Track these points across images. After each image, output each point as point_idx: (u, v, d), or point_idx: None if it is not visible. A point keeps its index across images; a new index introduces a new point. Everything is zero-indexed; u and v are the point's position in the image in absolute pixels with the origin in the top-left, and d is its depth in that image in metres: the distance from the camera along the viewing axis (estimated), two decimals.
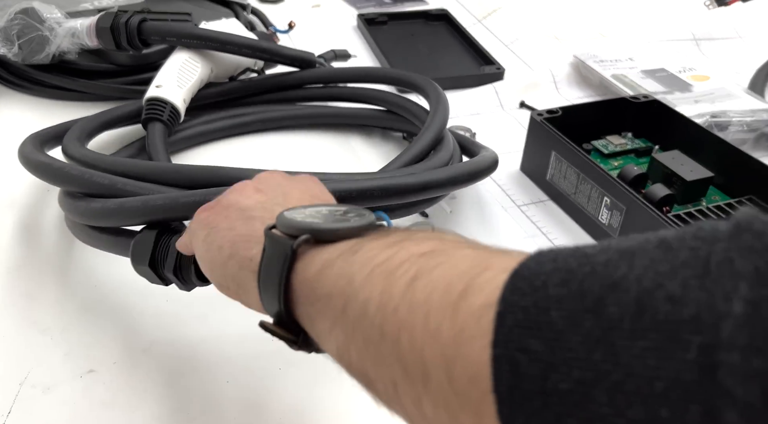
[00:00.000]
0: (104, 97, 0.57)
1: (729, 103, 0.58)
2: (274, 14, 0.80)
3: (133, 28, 0.51)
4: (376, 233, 0.22)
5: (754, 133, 0.55)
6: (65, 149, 0.42)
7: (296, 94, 0.59)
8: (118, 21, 0.51)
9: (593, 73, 0.65)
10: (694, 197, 0.46)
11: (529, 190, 0.51)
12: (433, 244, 0.20)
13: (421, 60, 0.71)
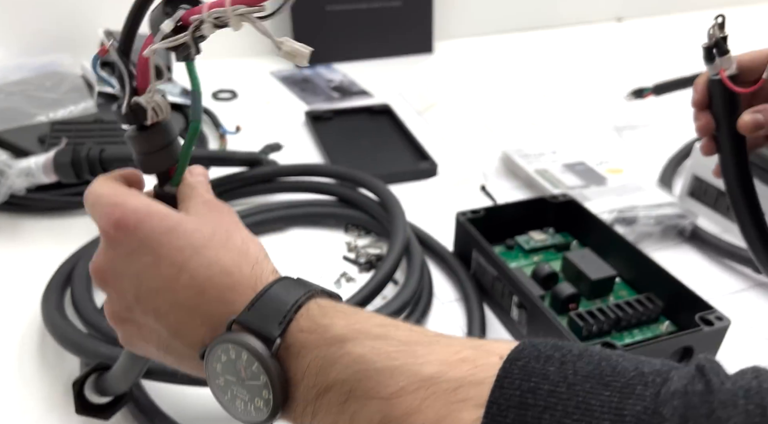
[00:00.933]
0: (51, 209, 0.60)
1: (638, 197, 0.62)
2: (228, 111, 0.85)
3: (94, 159, 0.53)
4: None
5: (660, 226, 0.59)
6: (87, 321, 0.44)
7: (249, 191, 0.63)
8: (79, 155, 0.53)
9: (519, 169, 0.70)
10: (601, 293, 0.49)
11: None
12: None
13: (362, 155, 0.75)
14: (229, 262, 0.26)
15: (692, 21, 1.33)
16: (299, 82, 0.96)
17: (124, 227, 0.26)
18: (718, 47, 0.39)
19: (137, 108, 0.27)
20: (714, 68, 0.40)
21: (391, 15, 1.05)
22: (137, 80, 0.27)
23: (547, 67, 1.06)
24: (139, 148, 0.28)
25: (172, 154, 0.29)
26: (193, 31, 0.25)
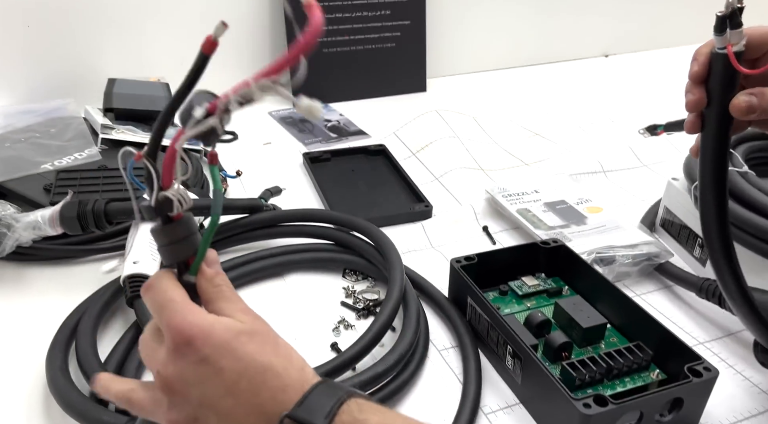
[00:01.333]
0: (55, 258, 0.61)
1: (617, 236, 0.64)
2: (229, 153, 0.87)
3: (99, 212, 0.55)
4: None
5: (638, 266, 0.61)
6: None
7: (249, 236, 0.65)
8: (85, 209, 0.55)
9: (503, 208, 0.72)
10: (593, 341, 0.51)
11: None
12: None
13: (358, 197, 0.77)
14: (279, 367, 0.30)
15: (673, 56, 1.38)
16: (297, 123, 0.98)
17: (194, 342, 0.30)
18: (733, 18, 0.36)
19: (164, 201, 0.29)
20: (722, 41, 0.36)
21: (386, 56, 1.08)
22: (164, 174, 0.29)
23: (539, 102, 1.10)
24: (163, 240, 0.31)
25: (193, 245, 0.31)
26: (221, 114, 0.28)
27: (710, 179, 0.39)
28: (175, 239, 0.30)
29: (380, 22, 1.06)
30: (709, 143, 0.39)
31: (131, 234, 0.57)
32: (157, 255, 0.56)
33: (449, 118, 0.96)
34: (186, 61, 0.28)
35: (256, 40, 1.05)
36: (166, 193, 0.29)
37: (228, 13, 1.01)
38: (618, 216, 0.69)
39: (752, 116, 0.37)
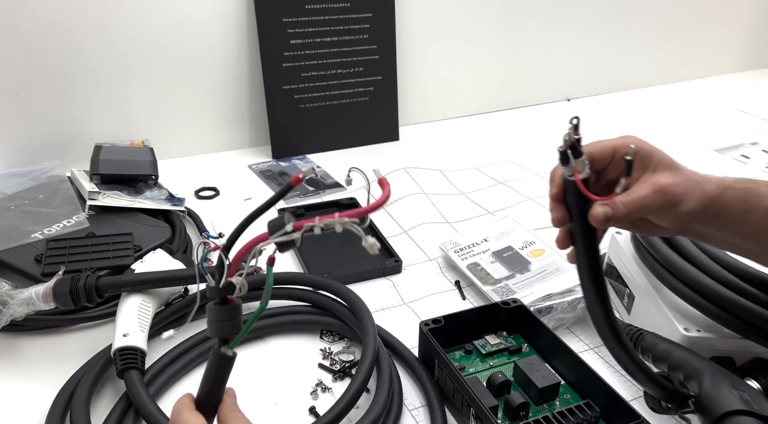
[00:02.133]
0: (46, 328, 0.65)
1: (555, 281, 0.70)
2: (210, 209, 0.91)
3: (91, 287, 0.59)
4: None
5: (574, 311, 0.67)
6: None
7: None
8: (77, 285, 0.59)
9: (455, 265, 0.78)
10: (549, 398, 0.56)
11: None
12: None
13: (332, 253, 0.81)
14: None
15: (632, 98, 1.46)
16: (276, 177, 1.03)
17: None
18: (573, 150, 0.40)
19: (229, 286, 0.36)
20: (569, 170, 0.41)
21: (360, 109, 1.14)
22: (233, 264, 0.35)
23: (504, 147, 1.16)
24: (216, 317, 0.37)
25: (237, 326, 0.37)
26: (303, 233, 0.34)
27: (589, 285, 0.43)
28: (226, 318, 0.37)
29: (354, 79, 1.12)
30: (581, 252, 0.43)
31: (120, 306, 0.61)
32: (146, 326, 0.60)
33: (417, 176, 1.02)
34: (168, 120, 0.34)
35: (235, 100, 1.09)
36: (232, 279, 0.35)
37: (208, 76, 1.06)
38: (559, 258, 0.75)
39: (609, 224, 0.41)
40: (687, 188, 0.42)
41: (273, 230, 0.35)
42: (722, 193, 0.43)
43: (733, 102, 1.43)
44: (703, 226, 0.44)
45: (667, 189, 0.41)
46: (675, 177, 0.42)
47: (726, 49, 1.61)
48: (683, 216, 0.43)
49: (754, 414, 0.45)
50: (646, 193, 0.42)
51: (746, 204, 0.43)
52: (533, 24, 1.30)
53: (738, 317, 0.55)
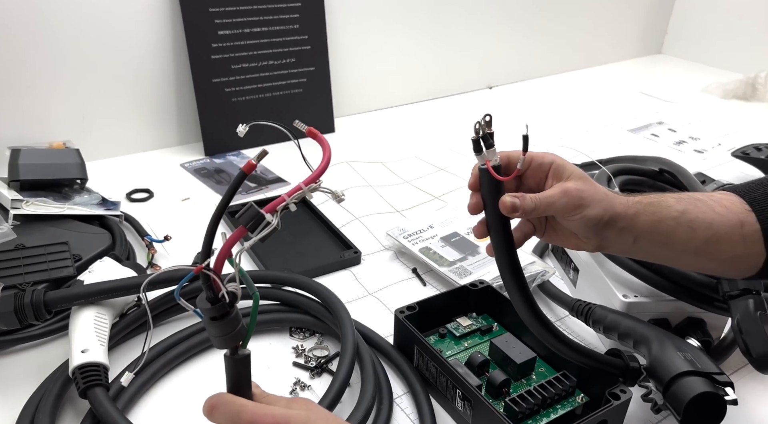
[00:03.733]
0: None
1: None
2: (146, 212, 0.85)
3: (39, 303, 0.53)
4: None
5: (531, 286, 0.70)
6: None
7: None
8: (22, 302, 0.53)
9: (406, 249, 0.79)
10: (526, 373, 0.58)
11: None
12: None
13: (287, 249, 0.80)
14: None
15: (547, 84, 1.54)
16: (213, 174, 0.98)
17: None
18: (485, 141, 0.44)
19: (232, 297, 0.33)
20: (482, 159, 0.45)
21: (294, 101, 1.11)
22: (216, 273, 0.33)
23: (436, 135, 1.18)
24: (220, 333, 0.34)
25: (242, 331, 0.35)
26: (279, 214, 0.33)
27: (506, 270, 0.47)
28: (230, 330, 0.34)
29: (286, 70, 1.09)
30: (495, 240, 0.47)
31: (73, 321, 0.56)
32: (104, 339, 0.55)
33: (359, 168, 1.01)
34: (88, 119, 0.31)
35: (161, 96, 1.03)
36: (228, 290, 0.33)
37: (131, 70, 0.99)
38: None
39: (517, 214, 0.45)
40: (592, 196, 0.46)
41: (250, 223, 0.32)
42: (632, 207, 0.48)
43: (636, 86, 1.55)
44: (620, 239, 0.48)
45: (571, 191, 0.46)
46: (581, 185, 0.46)
47: (625, 37, 1.74)
48: (590, 221, 0.46)
49: (698, 372, 0.49)
50: (553, 192, 0.46)
51: (655, 215, 0.48)
52: (454, 16, 1.34)
53: (671, 280, 0.60)
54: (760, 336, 0.51)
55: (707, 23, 1.70)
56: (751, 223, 0.47)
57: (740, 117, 1.35)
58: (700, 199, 0.49)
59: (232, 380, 0.37)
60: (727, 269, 0.49)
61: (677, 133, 1.26)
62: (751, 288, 0.54)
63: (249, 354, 0.36)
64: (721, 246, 0.47)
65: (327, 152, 0.34)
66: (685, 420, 0.48)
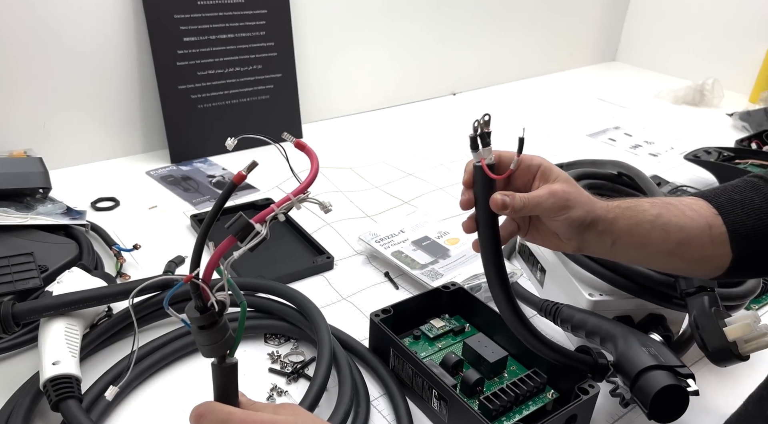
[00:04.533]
0: None
1: (477, 264, 0.76)
2: (112, 221, 0.84)
3: (7, 316, 0.52)
4: None
5: None
6: None
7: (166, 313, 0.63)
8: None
9: (378, 253, 0.80)
10: (498, 371, 0.60)
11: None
12: None
13: (258, 256, 0.79)
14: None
15: (509, 90, 1.58)
16: (180, 182, 0.97)
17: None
18: (482, 139, 0.46)
19: (222, 306, 0.34)
20: (477, 156, 0.47)
21: (261, 108, 1.11)
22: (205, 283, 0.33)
23: (404, 140, 1.20)
24: (209, 341, 0.35)
25: (230, 340, 0.36)
26: (269, 224, 0.33)
27: (491, 266, 0.48)
28: (218, 339, 0.35)
29: (253, 76, 1.09)
30: (483, 236, 0.48)
31: (43, 333, 0.55)
32: (76, 351, 0.54)
33: (329, 174, 1.02)
34: (49, 126, 0.32)
35: (125, 103, 1.01)
36: (217, 299, 0.33)
37: (93, 77, 0.97)
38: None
39: (506, 212, 0.47)
40: (577, 198, 0.49)
41: (240, 233, 0.33)
42: (611, 211, 0.50)
43: (593, 92, 1.60)
44: (600, 241, 0.51)
45: (558, 193, 0.48)
46: (567, 187, 0.49)
47: (581, 45, 1.80)
48: (574, 222, 0.49)
49: (662, 366, 0.52)
50: (541, 193, 0.48)
51: (633, 219, 0.50)
52: (418, 24, 1.36)
53: (631, 279, 0.62)
54: (714, 331, 0.54)
55: (658, 32, 1.77)
56: (719, 226, 0.50)
57: (690, 122, 1.42)
58: (672, 204, 0.52)
59: (219, 388, 0.37)
60: (697, 269, 0.52)
61: (633, 137, 1.32)
62: (706, 285, 0.57)
63: (236, 362, 0.37)
64: (692, 247, 0.50)
65: (315, 164, 0.35)
66: (651, 412, 0.50)
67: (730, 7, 1.59)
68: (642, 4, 1.79)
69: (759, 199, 0.50)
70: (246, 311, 0.36)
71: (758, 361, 0.54)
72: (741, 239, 0.49)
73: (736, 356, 0.53)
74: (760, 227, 0.49)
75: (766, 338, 0.52)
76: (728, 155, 1.06)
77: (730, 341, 0.53)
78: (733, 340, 0.52)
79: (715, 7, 1.62)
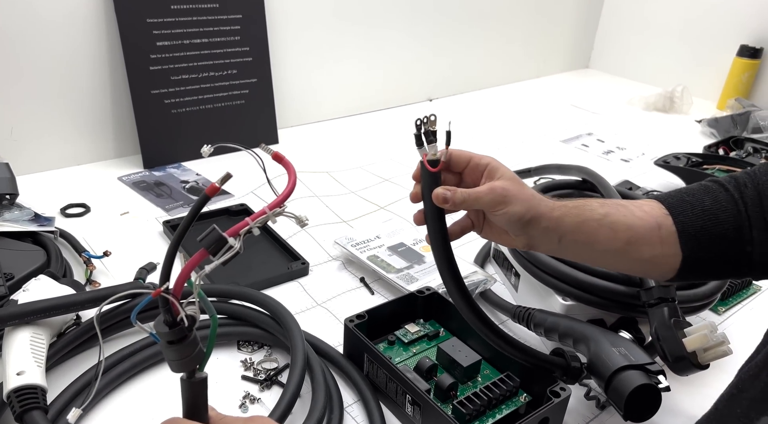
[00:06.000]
0: None
1: None
2: (82, 228, 0.82)
3: None
4: None
5: (474, 293, 0.72)
6: None
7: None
8: None
9: (354, 257, 0.80)
10: (472, 376, 0.60)
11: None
12: None
13: (233, 263, 0.77)
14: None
15: (484, 96, 1.60)
16: (152, 187, 0.96)
17: None
18: (426, 136, 0.48)
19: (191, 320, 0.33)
20: (421, 152, 0.49)
21: (237, 113, 1.10)
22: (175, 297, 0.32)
23: (379, 146, 1.20)
24: (178, 356, 0.34)
25: (200, 353, 0.35)
26: (243, 237, 0.32)
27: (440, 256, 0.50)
28: (188, 353, 0.34)
29: (228, 81, 1.08)
30: (431, 227, 0.50)
31: (7, 342, 0.53)
32: (42, 360, 0.53)
33: (305, 179, 1.02)
34: (17, 131, 0.31)
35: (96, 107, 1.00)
36: (187, 314, 0.32)
37: (63, 81, 0.95)
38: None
39: (447, 205, 0.49)
40: (516, 194, 0.50)
41: (213, 247, 0.32)
42: (557, 209, 0.51)
43: (566, 98, 1.63)
44: (546, 237, 0.52)
45: (497, 189, 0.50)
46: (508, 184, 0.50)
47: (555, 52, 1.82)
48: (513, 216, 0.50)
49: (632, 366, 0.53)
50: (481, 189, 0.50)
51: (579, 217, 0.52)
52: (394, 31, 1.37)
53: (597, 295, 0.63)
54: (674, 342, 0.55)
55: (630, 41, 1.81)
56: (668, 225, 0.51)
57: (661, 128, 1.45)
58: (622, 204, 0.53)
59: (188, 403, 0.36)
60: (649, 269, 0.53)
61: (605, 143, 1.34)
62: (666, 296, 0.58)
63: (206, 377, 0.36)
64: (641, 247, 0.50)
65: (292, 177, 0.34)
66: (627, 413, 0.51)
67: (699, 18, 1.63)
68: (614, 13, 1.83)
69: (709, 201, 0.50)
70: (217, 324, 0.36)
71: (724, 362, 0.55)
72: (690, 239, 0.50)
73: (695, 365, 0.54)
74: (708, 228, 0.50)
75: (723, 347, 0.53)
76: (696, 161, 1.09)
77: (689, 351, 0.54)
78: (692, 350, 0.54)
79: (684, 17, 1.66)
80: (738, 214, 0.49)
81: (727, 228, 0.49)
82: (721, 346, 0.53)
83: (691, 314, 0.65)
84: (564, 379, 0.55)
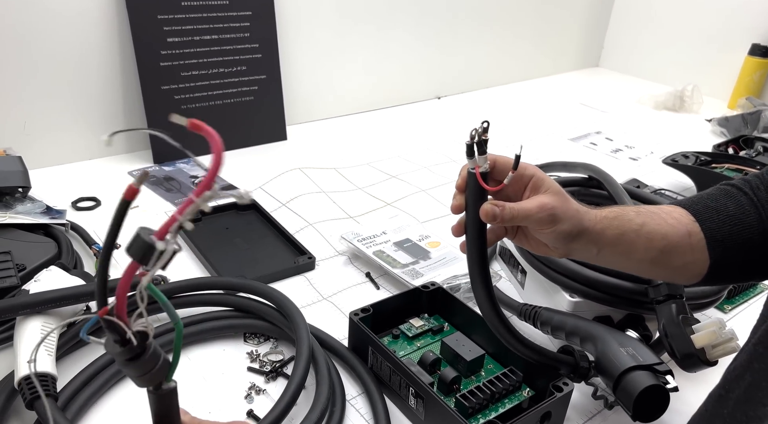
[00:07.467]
0: None
1: (457, 266, 0.77)
2: (93, 221, 0.83)
3: None
4: None
5: None
6: None
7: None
8: None
9: (360, 252, 0.81)
10: (475, 370, 0.61)
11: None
12: None
13: (239, 255, 0.80)
14: None
15: (493, 94, 1.60)
16: (162, 182, 0.97)
17: None
18: (479, 147, 0.46)
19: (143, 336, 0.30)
20: (472, 163, 0.46)
21: (246, 109, 1.11)
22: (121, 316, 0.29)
23: (388, 143, 1.21)
24: (139, 372, 0.31)
25: (165, 366, 0.32)
26: (174, 235, 0.28)
27: (476, 271, 0.48)
28: (149, 368, 0.31)
29: (237, 78, 1.09)
30: (471, 241, 0.48)
31: (19, 331, 0.54)
32: (52, 349, 0.54)
33: (312, 174, 1.03)
34: (30, 126, 0.30)
35: (108, 103, 1.01)
36: (140, 327, 0.30)
37: (76, 77, 0.96)
38: (454, 249, 0.81)
39: (495, 222, 0.47)
40: (565, 212, 0.49)
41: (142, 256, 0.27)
42: (599, 222, 0.51)
43: (575, 97, 1.62)
44: (586, 250, 0.51)
45: (547, 206, 0.48)
46: (557, 200, 0.49)
47: (565, 51, 1.82)
48: (560, 234, 0.49)
49: (640, 366, 0.53)
50: (530, 206, 0.49)
51: (619, 229, 0.51)
52: (404, 29, 1.37)
53: (604, 291, 0.63)
54: (682, 339, 0.55)
55: (640, 40, 1.80)
56: (696, 232, 0.51)
57: (670, 127, 1.44)
58: (655, 213, 0.53)
59: (158, 415, 0.34)
60: (678, 275, 0.53)
61: (614, 141, 1.34)
62: (674, 293, 0.58)
63: (175, 387, 0.33)
64: (674, 255, 0.51)
65: (217, 146, 0.28)
66: (635, 414, 0.51)
67: (710, 17, 1.62)
68: (625, 12, 1.82)
69: (733, 206, 0.51)
70: (182, 331, 0.33)
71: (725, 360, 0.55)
72: (717, 245, 0.50)
73: (703, 362, 0.54)
74: (734, 233, 0.50)
75: (731, 344, 0.53)
76: (705, 160, 1.08)
77: (697, 348, 0.54)
78: (701, 347, 0.54)
79: (695, 16, 1.65)
80: (760, 218, 0.50)
81: (753, 232, 0.50)
82: (729, 342, 0.53)
83: (698, 311, 0.65)
84: (572, 377, 0.55)
